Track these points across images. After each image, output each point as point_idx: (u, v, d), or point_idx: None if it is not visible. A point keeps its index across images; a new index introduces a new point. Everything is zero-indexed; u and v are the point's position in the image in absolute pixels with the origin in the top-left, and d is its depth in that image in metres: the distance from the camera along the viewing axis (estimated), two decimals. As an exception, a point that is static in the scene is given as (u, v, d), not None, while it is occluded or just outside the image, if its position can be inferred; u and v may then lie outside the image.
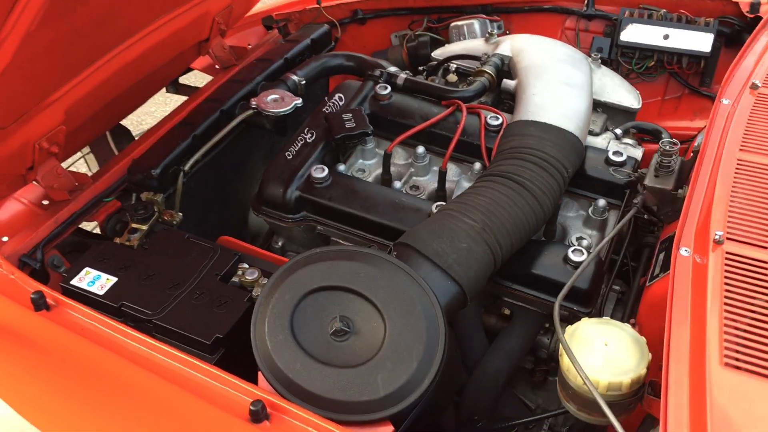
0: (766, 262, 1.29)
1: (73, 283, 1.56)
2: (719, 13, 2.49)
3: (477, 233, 1.50)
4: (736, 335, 1.17)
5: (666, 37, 2.48)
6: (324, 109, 2.03)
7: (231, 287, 1.58)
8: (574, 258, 1.62)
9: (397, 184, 1.91)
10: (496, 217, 1.53)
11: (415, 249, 1.47)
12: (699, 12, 2.50)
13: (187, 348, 1.44)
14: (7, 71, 1.41)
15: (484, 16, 2.60)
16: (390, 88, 2.07)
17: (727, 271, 1.28)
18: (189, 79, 2.65)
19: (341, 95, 2.08)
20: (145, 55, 1.89)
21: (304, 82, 2.16)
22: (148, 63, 1.97)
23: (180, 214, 1.82)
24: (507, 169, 1.64)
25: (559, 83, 1.92)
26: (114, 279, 1.57)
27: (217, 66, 2.38)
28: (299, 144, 1.92)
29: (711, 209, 1.42)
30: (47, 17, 1.39)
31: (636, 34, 2.50)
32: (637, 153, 1.93)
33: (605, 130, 2.04)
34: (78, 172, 1.89)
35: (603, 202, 1.80)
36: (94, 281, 1.56)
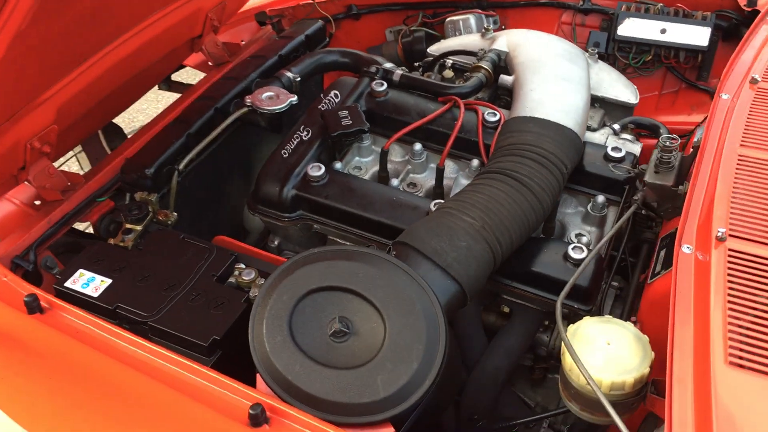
0: (769, 258, 1.28)
1: (67, 285, 1.54)
2: (716, 7, 2.47)
3: (476, 231, 1.49)
4: (740, 333, 1.16)
5: (663, 31, 2.46)
6: (320, 106, 2.01)
7: (227, 288, 1.56)
8: (574, 255, 1.61)
9: (395, 181, 1.89)
10: (495, 214, 1.52)
11: (414, 248, 1.45)
12: (696, 6, 2.48)
13: (184, 350, 1.43)
14: (-3, 70, 1.39)
15: (480, 11, 2.59)
16: (386, 85, 2.05)
17: (730, 268, 1.27)
18: (181, 76, 2.63)
19: (337, 92, 2.06)
20: (137, 52, 1.86)
21: (299, 79, 2.14)
22: (141, 60, 1.95)
23: (175, 214, 1.81)
24: (506, 166, 1.63)
25: (557, 78, 1.91)
26: (108, 281, 1.55)
27: (210, 63, 2.36)
28: (295, 142, 1.90)
29: (713, 206, 1.41)
30: (38, 15, 1.37)
31: (633, 28, 2.48)
32: (636, 148, 1.91)
33: (603, 125, 2.03)
34: (70, 171, 1.86)
35: (602, 199, 1.79)
36: (89, 283, 1.54)
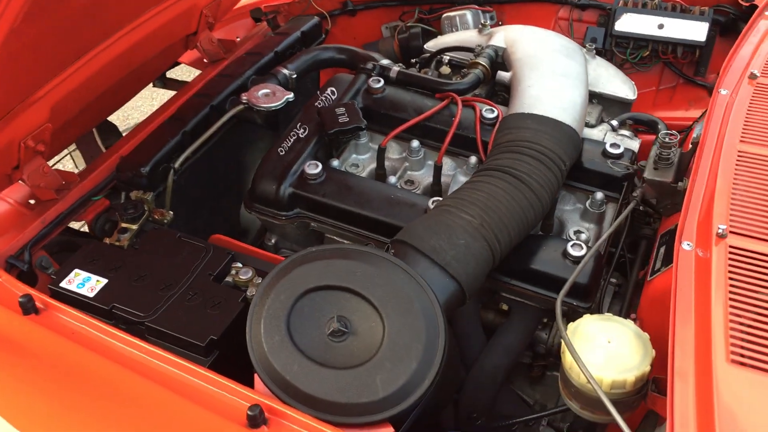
0: (770, 255, 1.27)
1: (63, 285, 1.53)
2: (714, 2, 2.47)
3: (475, 229, 1.47)
4: (741, 330, 1.15)
5: (660, 26, 2.46)
6: (316, 103, 1.99)
7: (225, 287, 1.55)
8: (573, 253, 1.60)
9: (392, 179, 1.88)
10: (494, 212, 1.51)
11: (413, 246, 1.44)
12: (694, 1, 2.48)
13: (181, 351, 1.42)
14: (-10, 68, 1.37)
15: (477, 7, 2.57)
16: (383, 82, 2.03)
17: (730, 265, 1.26)
18: (176, 74, 2.61)
19: (333, 89, 2.05)
20: (131, 49, 1.85)
21: (295, 76, 2.12)
22: (135, 58, 1.93)
23: (171, 213, 1.79)
24: (504, 163, 1.62)
25: (555, 75, 1.90)
26: (104, 281, 1.54)
27: (205, 60, 2.34)
28: (292, 139, 1.89)
29: (713, 202, 1.40)
30: (31, 12, 1.36)
31: (630, 23, 2.47)
32: (634, 145, 1.91)
33: (601, 121, 2.02)
34: (65, 170, 1.85)
35: (600, 195, 1.78)
36: (84, 283, 1.53)
